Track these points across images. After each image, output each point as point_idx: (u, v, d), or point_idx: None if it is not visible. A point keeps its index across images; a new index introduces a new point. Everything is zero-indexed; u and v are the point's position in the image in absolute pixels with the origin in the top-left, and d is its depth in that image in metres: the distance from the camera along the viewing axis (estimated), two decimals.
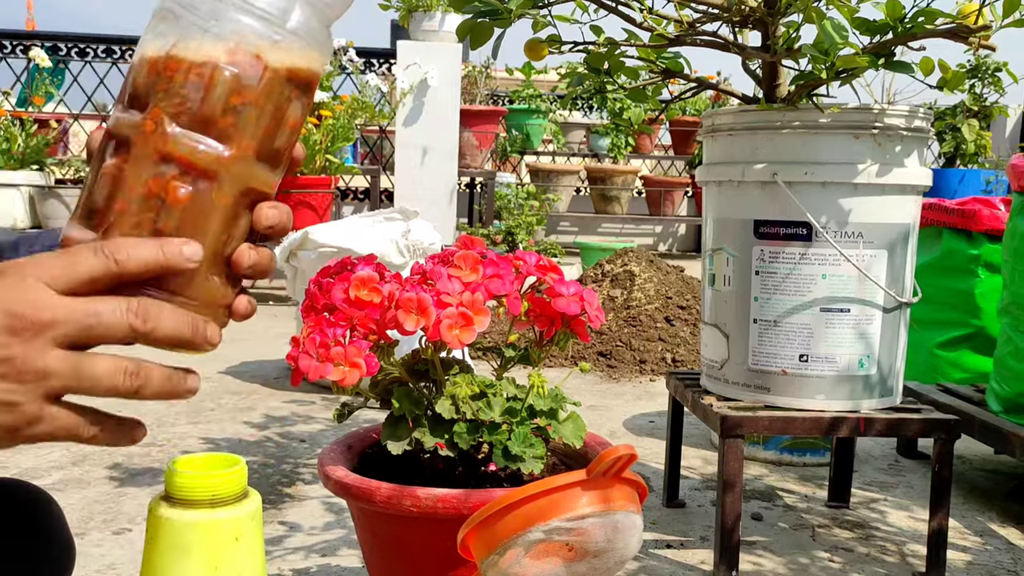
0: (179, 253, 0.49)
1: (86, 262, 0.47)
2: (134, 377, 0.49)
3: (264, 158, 0.53)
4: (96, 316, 0.47)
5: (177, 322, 0.49)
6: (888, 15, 1.11)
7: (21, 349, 0.45)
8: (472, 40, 1.23)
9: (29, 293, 0.45)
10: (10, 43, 4.99)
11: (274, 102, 0.52)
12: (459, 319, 0.87)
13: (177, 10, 0.51)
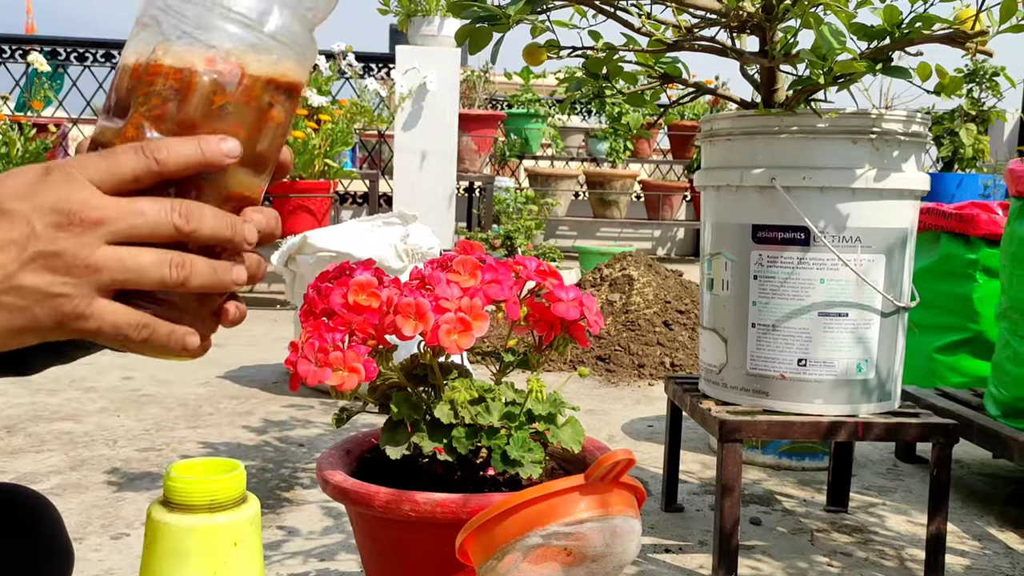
0: (217, 149, 0.49)
1: (129, 162, 0.48)
2: (180, 268, 0.49)
3: (246, 163, 0.52)
4: (142, 215, 0.48)
5: (217, 222, 0.50)
6: (885, 20, 1.12)
7: (71, 244, 0.46)
8: (471, 45, 1.23)
9: (77, 191, 0.46)
10: (9, 48, 4.99)
11: (254, 107, 0.52)
12: (457, 324, 0.87)
13: (159, 16, 0.51)
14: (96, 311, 0.48)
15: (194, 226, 0.49)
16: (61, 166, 0.47)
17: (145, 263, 0.48)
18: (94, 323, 0.48)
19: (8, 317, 0.46)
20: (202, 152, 0.49)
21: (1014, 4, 1.05)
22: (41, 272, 0.46)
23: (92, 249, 0.46)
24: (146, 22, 0.51)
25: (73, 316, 0.47)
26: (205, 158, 0.49)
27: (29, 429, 1.97)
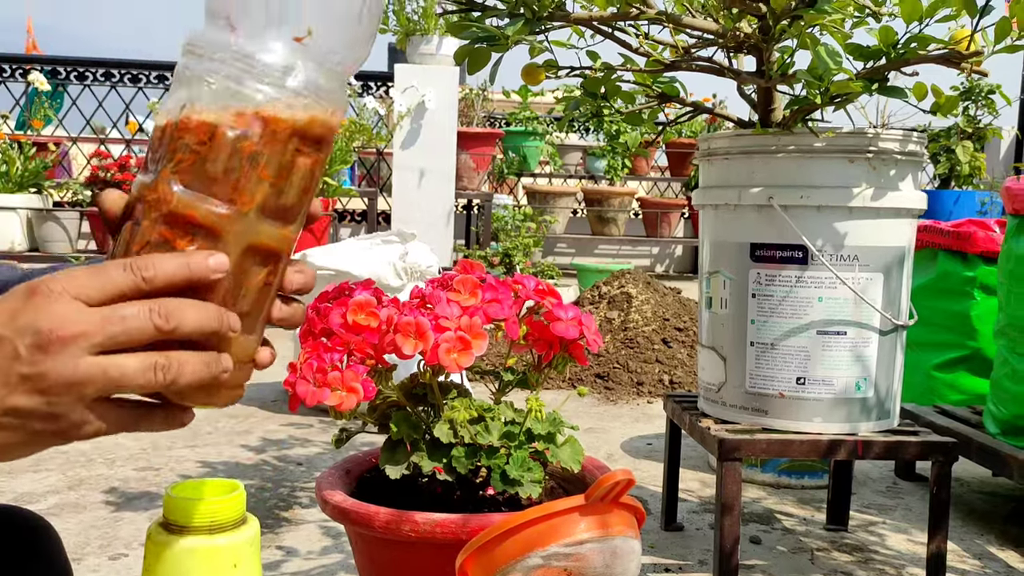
0: (205, 265, 0.50)
1: (115, 278, 0.49)
2: (165, 370, 0.49)
3: (271, 214, 0.53)
4: (121, 322, 0.48)
5: (200, 315, 0.50)
6: (881, 41, 1.13)
7: (52, 363, 0.47)
8: (470, 65, 1.24)
9: (57, 308, 0.47)
10: (9, 67, 5.01)
11: (277, 159, 0.52)
12: (457, 343, 0.87)
13: (187, 73, 0.52)
14: (91, 418, 0.49)
15: (174, 324, 0.49)
16: (46, 285, 0.48)
17: (129, 370, 0.48)
18: (92, 428, 0.49)
19: (11, 435, 0.48)
20: (189, 268, 0.50)
21: (1008, 25, 1.06)
22: (30, 394, 0.47)
23: (75, 365, 0.47)
24: (178, 80, 0.53)
25: (70, 427, 0.48)
26: (192, 273, 0.50)
27: None
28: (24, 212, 3.89)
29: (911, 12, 1.11)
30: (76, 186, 4.12)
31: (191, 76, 0.52)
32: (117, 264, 0.49)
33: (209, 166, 0.51)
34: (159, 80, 5.13)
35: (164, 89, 5.12)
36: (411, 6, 4.20)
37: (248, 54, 0.52)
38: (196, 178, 0.51)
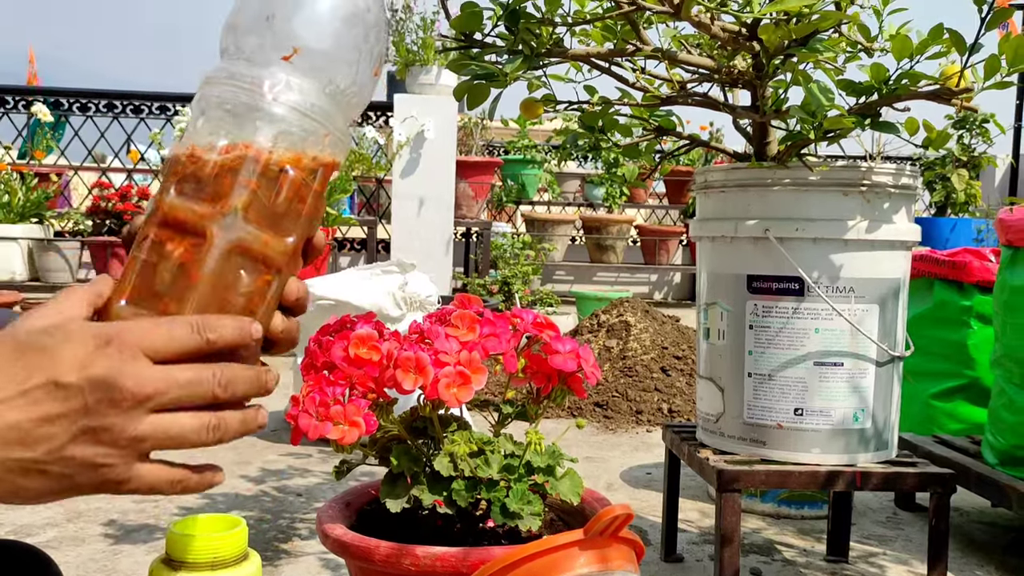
0: (249, 332, 0.54)
1: (183, 338, 0.51)
2: (216, 430, 0.52)
3: (257, 220, 0.55)
4: (188, 386, 0.51)
5: (248, 382, 0.54)
6: (872, 77, 1.15)
7: (120, 419, 0.48)
8: (469, 101, 1.26)
9: (129, 365, 0.49)
10: (12, 98, 5.06)
11: (269, 177, 0.55)
12: (457, 378, 0.88)
13: (201, 104, 0.56)
14: (135, 475, 0.50)
15: (231, 392, 0.53)
16: (119, 336, 0.49)
17: (187, 430, 0.51)
18: (132, 485, 0.51)
19: (53, 484, 0.49)
20: (240, 333, 0.54)
21: (997, 62, 1.08)
22: (89, 444, 0.48)
23: (139, 421, 0.49)
24: (198, 109, 0.56)
25: (113, 482, 0.50)
26: (241, 336, 0.54)
27: None
28: (25, 242, 3.91)
29: (902, 49, 1.13)
30: (77, 216, 4.14)
31: (208, 107, 0.55)
32: (183, 323, 0.52)
33: (199, 175, 0.54)
34: (160, 111, 5.17)
35: (166, 120, 5.16)
36: (410, 37, 4.25)
37: (243, 75, 0.55)
38: (187, 187, 0.54)
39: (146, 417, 0.49)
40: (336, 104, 0.57)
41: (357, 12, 0.56)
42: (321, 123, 0.56)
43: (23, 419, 0.46)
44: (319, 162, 0.56)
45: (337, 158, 0.58)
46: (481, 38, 1.21)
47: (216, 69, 0.56)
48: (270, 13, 0.55)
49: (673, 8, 1.10)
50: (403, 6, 4.22)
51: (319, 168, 0.56)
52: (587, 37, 1.32)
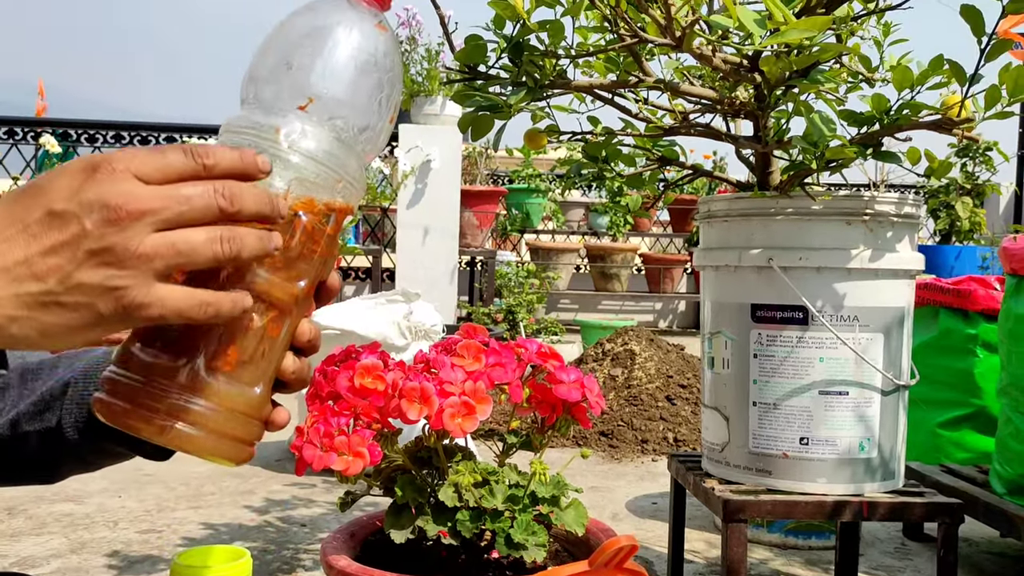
0: (253, 161, 0.52)
1: (175, 161, 0.50)
2: (231, 242, 0.50)
3: (268, 264, 0.56)
4: (188, 202, 0.49)
5: (258, 198, 0.52)
6: (874, 108, 1.15)
7: (120, 237, 0.47)
8: (473, 132, 1.27)
9: (121, 184, 0.48)
10: (21, 130, 5.11)
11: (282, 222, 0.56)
12: (462, 408, 0.88)
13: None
14: (156, 297, 0.48)
15: (238, 207, 0.51)
16: (107, 161, 0.49)
17: (197, 242, 0.49)
18: (156, 310, 0.49)
19: (74, 316, 0.48)
20: (241, 161, 0.52)
21: (997, 92, 1.09)
22: (97, 268, 0.47)
23: (142, 239, 0.48)
24: None
25: (135, 306, 0.48)
26: (244, 165, 0.52)
27: (30, 511, 1.96)
28: None
29: (902, 80, 1.14)
30: None
31: None
32: (176, 148, 0.51)
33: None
34: (167, 141, 5.21)
35: None
36: (415, 68, 4.29)
37: (260, 124, 0.56)
38: None
39: (150, 234, 0.48)
40: (350, 151, 0.58)
41: (373, 61, 0.58)
42: (334, 170, 0.57)
43: (28, 252, 0.47)
44: (332, 207, 0.58)
45: (350, 203, 0.59)
46: (485, 70, 1.22)
47: (235, 117, 0.57)
48: (287, 64, 0.57)
49: (675, 41, 1.11)
50: (408, 38, 4.26)
51: (332, 213, 0.58)
52: (590, 69, 1.33)
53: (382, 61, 0.58)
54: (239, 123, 0.57)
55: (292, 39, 0.57)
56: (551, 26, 1.15)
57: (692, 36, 1.12)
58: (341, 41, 0.57)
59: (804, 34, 1.00)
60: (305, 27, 0.58)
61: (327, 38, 0.57)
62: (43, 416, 0.69)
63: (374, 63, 0.58)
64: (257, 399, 0.57)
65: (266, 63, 0.57)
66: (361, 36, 0.58)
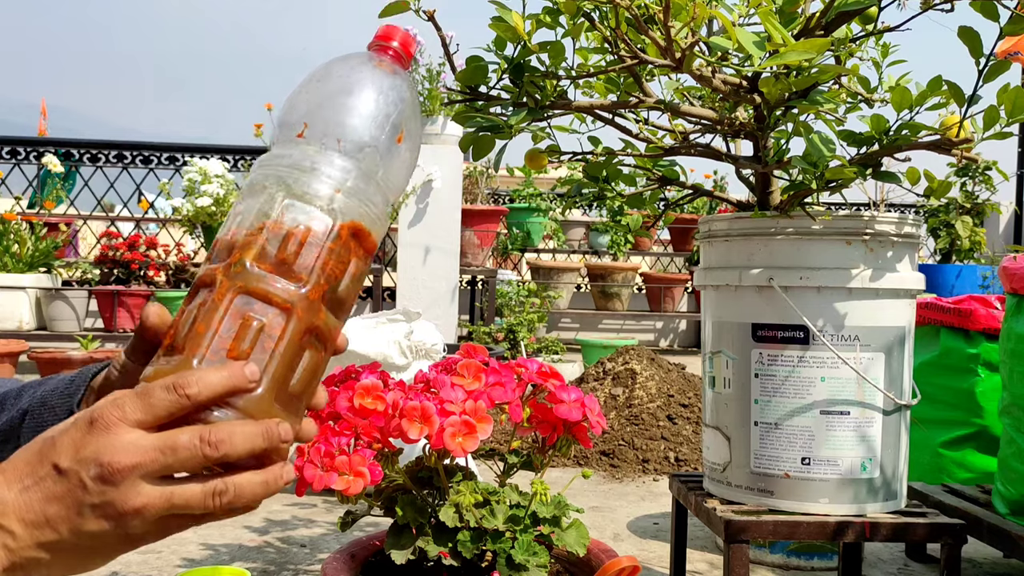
0: (242, 375, 0.55)
1: (162, 401, 0.53)
2: (221, 495, 0.54)
3: (329, 304, 0.60)
4: (173, 453, 0.52)
5: (248, 438, 0.54)
6: (873, 128, 1.16)
7: (116, 494, 0.51)
8: (474, 152, 1.28)
9: (113, 439, 0.52)
10: (24, 149, 5.13)
11: (337, 255, 0.60)
12: (462, 427, 0.88)
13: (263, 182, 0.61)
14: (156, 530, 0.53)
15: (224, 452, 0.53)
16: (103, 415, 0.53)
17: (191, 498, 0.53)
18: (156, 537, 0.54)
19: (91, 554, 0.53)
20: (229, 379, 0.54)
21: (996, 112, 1.09)
22: (100, 519, 0.52)
23: (136, 493, 0.52)
24: (256, 189, 0.61)
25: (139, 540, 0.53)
26: (232, 384, 0.54)
27: None
28: (33, 291, 3.93)
29: (901, 100, 1.15)
30: (85, 265, 4.17)
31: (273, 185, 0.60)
32: (160, 387, 0.53)
33: (281, 254, 0.58)
34: (169, 161, 5.23)
35: (174, 170, 5.22)
36: (416, 89, 4.32)
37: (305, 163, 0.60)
38: (268, 261, 0.58)
39: (144, 487, 0.51)
40: (377, 187, 0.63)
41: (396, 111, 0.64)
42: (365, 204, 0.61)
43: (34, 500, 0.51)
44: (358, 228, 0.61)
45: (376, 233, 0.63)
46: (486, 90, 1.23)
47: (268, 155, 0.62)
48: (317, 110, 0.62)
49: (675, 62, 1.12)
50: None
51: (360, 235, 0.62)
52: (591, 89, 1.34)
53: (403, 113, 0.64)
54: (271, 159, 0.61)
55: (322, 90, 0.63)
56: (552, 47, 1.16)
57: (692, 57, 1.12)
58: (369, 95, 0.63)
59: (803, 55, 1.01)
60: (335, 80, 0.63)
61: (354, 90, 0.63)
62: (4, 447, 0.71)
63: (396, 112, 0.64)
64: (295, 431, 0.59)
65: (297, 110, 0.63)
66: (384, 89, 0.64)
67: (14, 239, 3.95)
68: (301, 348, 0.58)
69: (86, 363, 3.27)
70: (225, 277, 0.57)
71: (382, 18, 1.11)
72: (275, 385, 0.56)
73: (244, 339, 0.55)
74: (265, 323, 0.56)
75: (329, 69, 0.64)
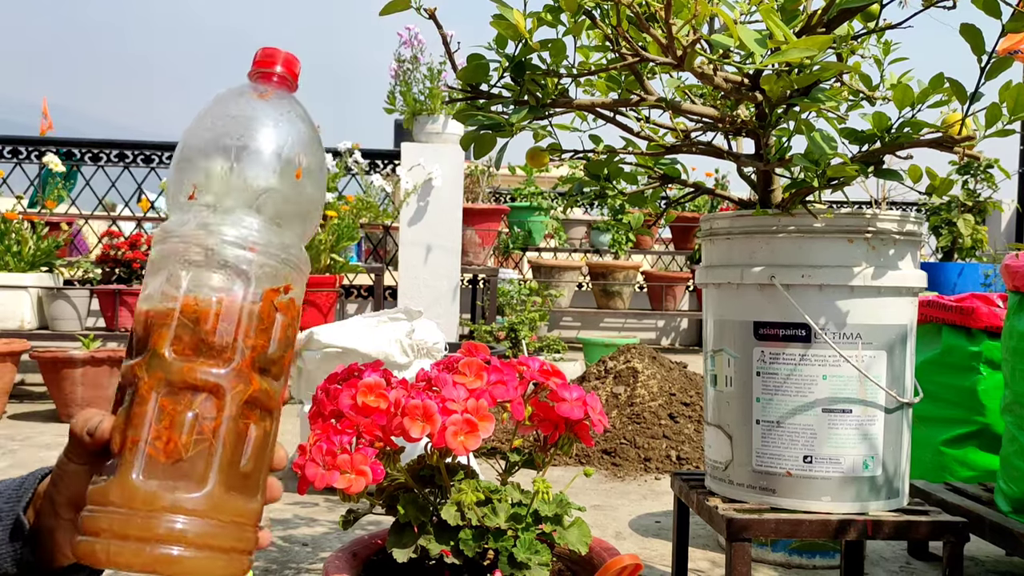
0: None
1: None
2: None
3: (263, 370, 0.56)
4: None
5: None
6: (875, 126, 1.16)
7: None
8: (475, 151, 1.28)
9: None
10: (26, 149, 5.13)
11: (259, 319, 0.56)
12: (464, 426, 0.88)
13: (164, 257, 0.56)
14: None
15: None
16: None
17: None
18: None
19: None
20: None
21: (998, 110, 1.09)
22: None
23: None
24: (158, 266, 0.57)
25: None
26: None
27: None
28: (35, 291, 3.93)
29: (903, 98, 1.14)
30: (87, 264, 4.18)
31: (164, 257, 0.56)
32: None
33: (197, 335, 0.54)
34: (171, 160, 5.23)
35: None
36: (417, 87, 4.31)
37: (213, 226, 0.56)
38: (186, 346, 0.54)
39: None
40: (287, 231, 0.58)
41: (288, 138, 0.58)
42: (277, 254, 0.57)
43: None
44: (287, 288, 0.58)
45: (295, 283, 0.59)
46: (487, 89, 1.23)
47: (166, 228, 0.57)
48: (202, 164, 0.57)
49: (676, 60, 1.12)
50: (410, 57, 4.28)
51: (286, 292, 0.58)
52: (592, 87, 1.34)
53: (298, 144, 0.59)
54: (167, 232, 0.57)
55: (206, 139, 0.57)
56: (553, 45, 1.16)
57: (693, 55, 1.12)
58: (257, 136, 0.57)
59: (805, 53, 1.00)
60: (219, 125, 0.57)
61: (242, 133, 0.57)
62: None
63: (290, 146, 0.58)
64: (258, 508, 0.57)
65: (184, 168, 0.57)
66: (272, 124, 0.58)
67: (15, 238, 3.95)
68: (244, 427, 0.54)
69: (87, 362, 3.27)
70: (145, 374, 0.53)
71: (383, 15, 1.11)
72: (224, 476, 0.53)
73: (179, 438, 0.52)
74: (198, 413, 0.53)
75: (211, 113, 0.58)
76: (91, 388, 3.29)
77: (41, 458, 2.69)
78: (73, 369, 3.25)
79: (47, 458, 2.69)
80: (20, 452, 2.78)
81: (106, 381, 3.34)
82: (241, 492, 0.55)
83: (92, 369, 3.28)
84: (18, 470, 2.53)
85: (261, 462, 0.56)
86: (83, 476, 0.57)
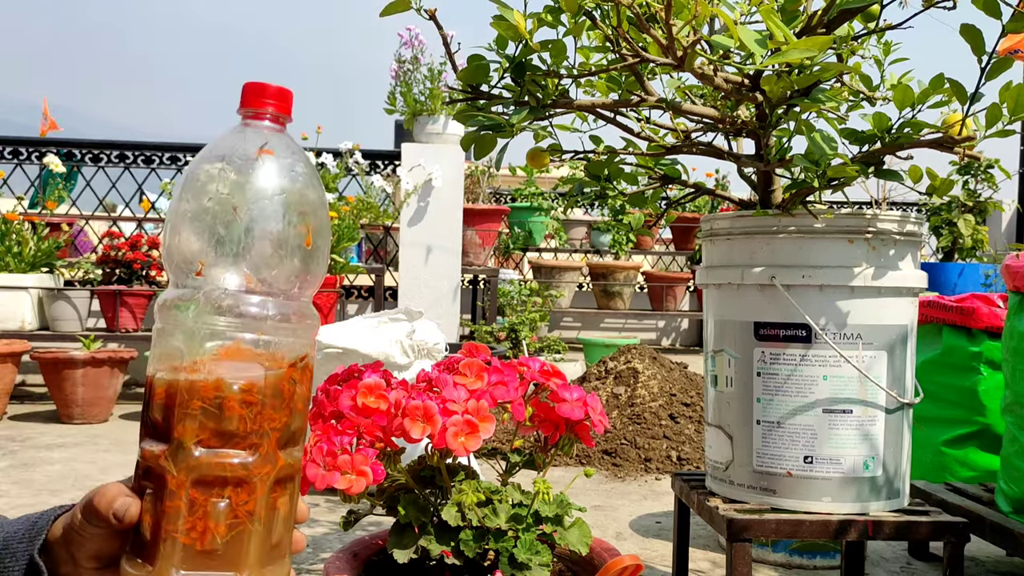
0: None
1: None
2: None
3: (286, 444, 0.56)
4: None
5: None
6: (875, 126, 1.16)
7: None
8: (476, 151, 1.28)
9: None
10: (26, 149, 5.13)
11: (281, 397, 0.55)
12: (465, 426, 0.88)
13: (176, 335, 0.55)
14: None
15: None
16: None
17: None
18: None
19: None
20: None
21: (998, 110, 1.09)
22: None
23: None
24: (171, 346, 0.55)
25: None
26: None
27: None
28: (35, 291, 3.93)
29: (903, 99, 1.14)
30: (87, 265, 4.18)
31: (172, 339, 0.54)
32: None
33: (223, 424, 0.53)
34: (172, 161, 5.23)
35: (177, 170, 5.22)
36: (417, 88, 4.31)
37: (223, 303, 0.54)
38: (212, 435, 0.53)
39: None
40: (300, 296, 0.57)
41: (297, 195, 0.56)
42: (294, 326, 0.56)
43: None
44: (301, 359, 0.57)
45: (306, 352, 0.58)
46: (488, 89, 1.23)
47: (171, 302, 0.55)
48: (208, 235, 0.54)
49: (677, 60, 1.12)
50: (411, 57, 4.29)
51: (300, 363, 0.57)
52: (592, 88, 1.34)
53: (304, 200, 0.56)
54: (174, 308, 0.55)
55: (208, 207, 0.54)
56: (553, 46, 1.16)
57: (694, 56, 1.12)
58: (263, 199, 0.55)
59: (805, 54, 1.01)
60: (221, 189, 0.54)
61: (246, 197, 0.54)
62: None
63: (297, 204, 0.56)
64: (287, 568, 0.57)
65: (188, 238, 0.55)
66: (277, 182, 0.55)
67: (16, 239, 3.95)
68: (273, 502, 0.55)
69: (88, 363, 3.27)
70: (173, 467, 0.53)
71: (384, 16, 1.11)
72: (258, 553, 0.54)
73: (214, 527, 0.52)
74: (230, 501, 0.53)
75: (209, 174, 0.55)
76: (92, 389, 3.29)
77: (41, 458, 2.69)
78: (74, 370, 3.26)
79: (47, 458, 2.69)
80: (21, 453, 2.78)
81: (106, 382, 3.34)
82: (273, 561, 0.56)
83: (93, 370, 3.29)
84: (18, 470, 2.53)
85: (289, 525, 0.57)
86: (106, 537, 0.57)
